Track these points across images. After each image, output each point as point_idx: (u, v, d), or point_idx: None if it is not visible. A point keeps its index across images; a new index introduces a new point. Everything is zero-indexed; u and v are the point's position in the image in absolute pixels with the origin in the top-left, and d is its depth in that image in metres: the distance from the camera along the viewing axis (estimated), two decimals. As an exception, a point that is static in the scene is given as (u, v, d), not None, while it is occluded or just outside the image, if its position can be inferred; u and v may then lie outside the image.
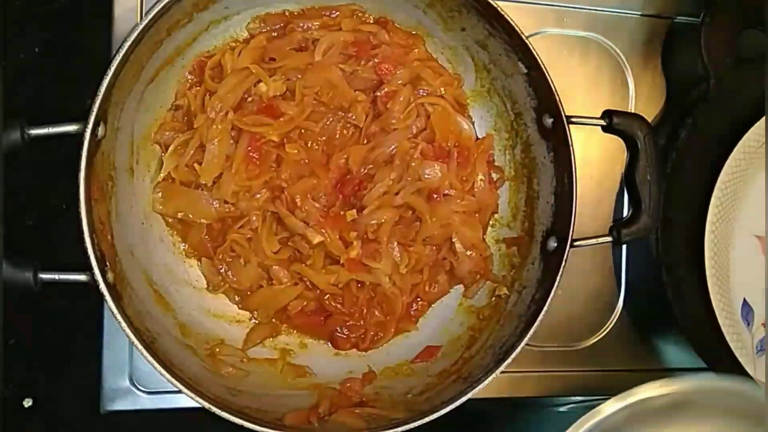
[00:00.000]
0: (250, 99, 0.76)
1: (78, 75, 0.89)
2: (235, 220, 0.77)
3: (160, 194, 0.76)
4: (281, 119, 0.76)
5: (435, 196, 0.79)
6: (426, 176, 0.78)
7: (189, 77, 0.77)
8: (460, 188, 0.80)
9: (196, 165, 0.75)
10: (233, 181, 0.75)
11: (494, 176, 0.84)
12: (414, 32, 0.82)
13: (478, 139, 0.83)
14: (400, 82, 0.79)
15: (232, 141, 0.75)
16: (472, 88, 0.84)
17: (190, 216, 0.77)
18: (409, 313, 0.82)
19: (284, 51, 0.77)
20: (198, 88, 0.77)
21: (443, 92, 0.81)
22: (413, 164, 0.78)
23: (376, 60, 0.78)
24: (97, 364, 0.80)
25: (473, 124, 0.83)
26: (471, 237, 0.81)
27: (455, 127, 0.81)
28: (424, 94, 0.81)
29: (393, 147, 0.78)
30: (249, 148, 0.75)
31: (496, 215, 0.84)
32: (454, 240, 0.80)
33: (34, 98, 0.88)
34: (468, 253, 0.81)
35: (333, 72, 0.77)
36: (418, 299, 0.83)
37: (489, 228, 0.84)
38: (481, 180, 0.82)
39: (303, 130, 0.78)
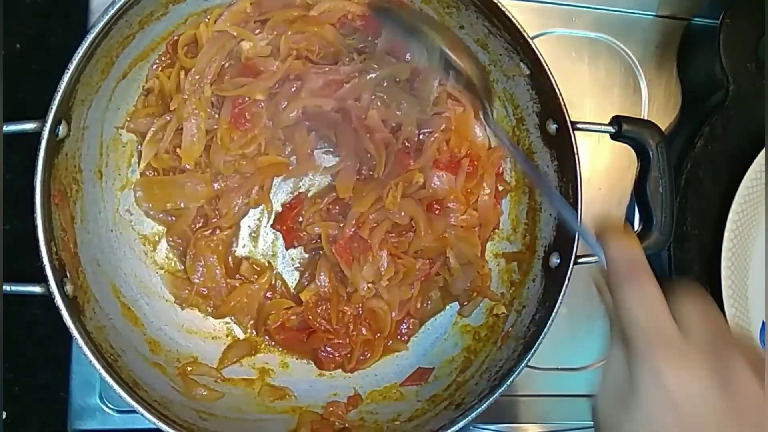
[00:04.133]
0: (227, 65, 0.71)
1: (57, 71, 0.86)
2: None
3: (140, 192, 0.72)
4: (263, 75, 0.70)
5: (436, 206, 0.75)
6: (434, 185, 0.74)
7: (161, 59, 0.72)
8: (463, 201, 0.76)
9: (177, 150, 0.70)
10: (222, 150, 0.70)
11: (499, 188, 0.79)
12: (409, 30, 0.77)
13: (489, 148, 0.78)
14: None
15: (212, 111, 0.71)
16: (471, 90, 0.79)
17: (180, 203, 0.72)
18: (400, 332, 0.77)
19: (274, 7, 0.71)
20: (171, 70, 0.71)
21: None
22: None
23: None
24: (66, 378, 0.76)
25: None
26: (468, 253, 0.76)
27: (470, 133, 0.76)
28: None
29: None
30: (235, 111, 0.70)
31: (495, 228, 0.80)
32: (448, 255, 0.76)
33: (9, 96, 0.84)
34: (464, 268, 0.76)
35: (328, 29, 0.71)
36: (409, 316, 0.78)
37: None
38: (486, 194, 0.77)
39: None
